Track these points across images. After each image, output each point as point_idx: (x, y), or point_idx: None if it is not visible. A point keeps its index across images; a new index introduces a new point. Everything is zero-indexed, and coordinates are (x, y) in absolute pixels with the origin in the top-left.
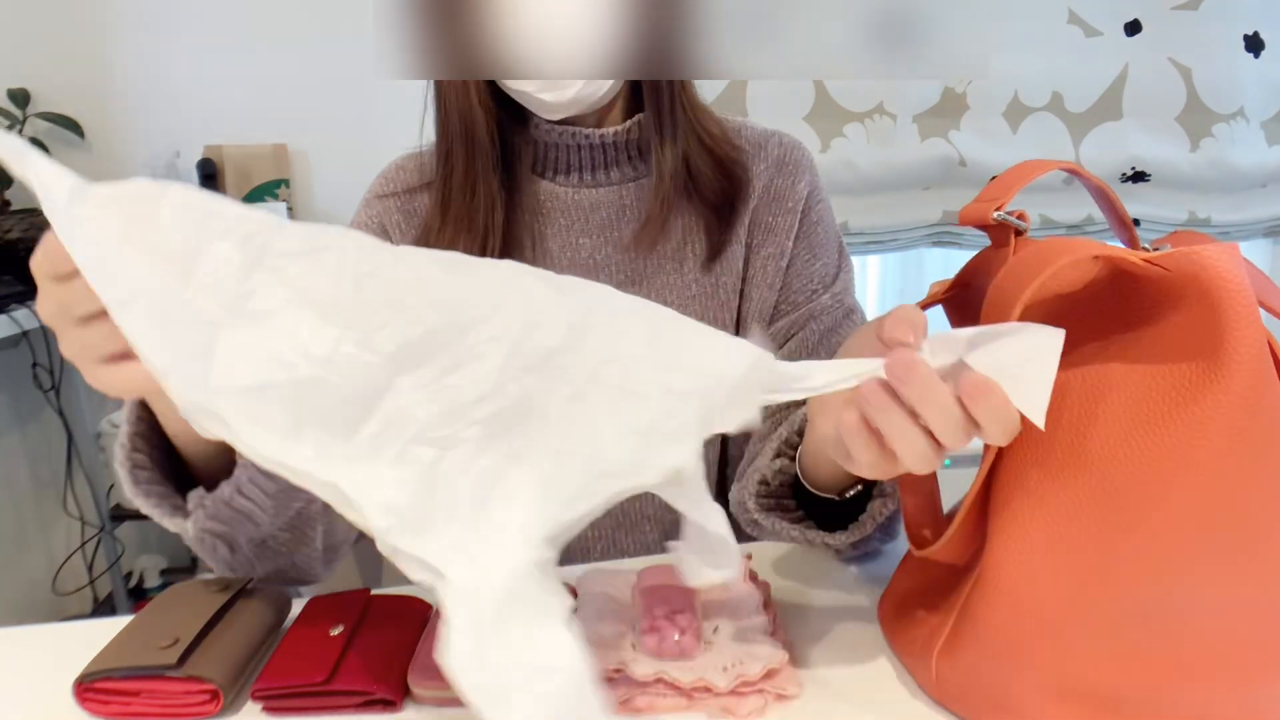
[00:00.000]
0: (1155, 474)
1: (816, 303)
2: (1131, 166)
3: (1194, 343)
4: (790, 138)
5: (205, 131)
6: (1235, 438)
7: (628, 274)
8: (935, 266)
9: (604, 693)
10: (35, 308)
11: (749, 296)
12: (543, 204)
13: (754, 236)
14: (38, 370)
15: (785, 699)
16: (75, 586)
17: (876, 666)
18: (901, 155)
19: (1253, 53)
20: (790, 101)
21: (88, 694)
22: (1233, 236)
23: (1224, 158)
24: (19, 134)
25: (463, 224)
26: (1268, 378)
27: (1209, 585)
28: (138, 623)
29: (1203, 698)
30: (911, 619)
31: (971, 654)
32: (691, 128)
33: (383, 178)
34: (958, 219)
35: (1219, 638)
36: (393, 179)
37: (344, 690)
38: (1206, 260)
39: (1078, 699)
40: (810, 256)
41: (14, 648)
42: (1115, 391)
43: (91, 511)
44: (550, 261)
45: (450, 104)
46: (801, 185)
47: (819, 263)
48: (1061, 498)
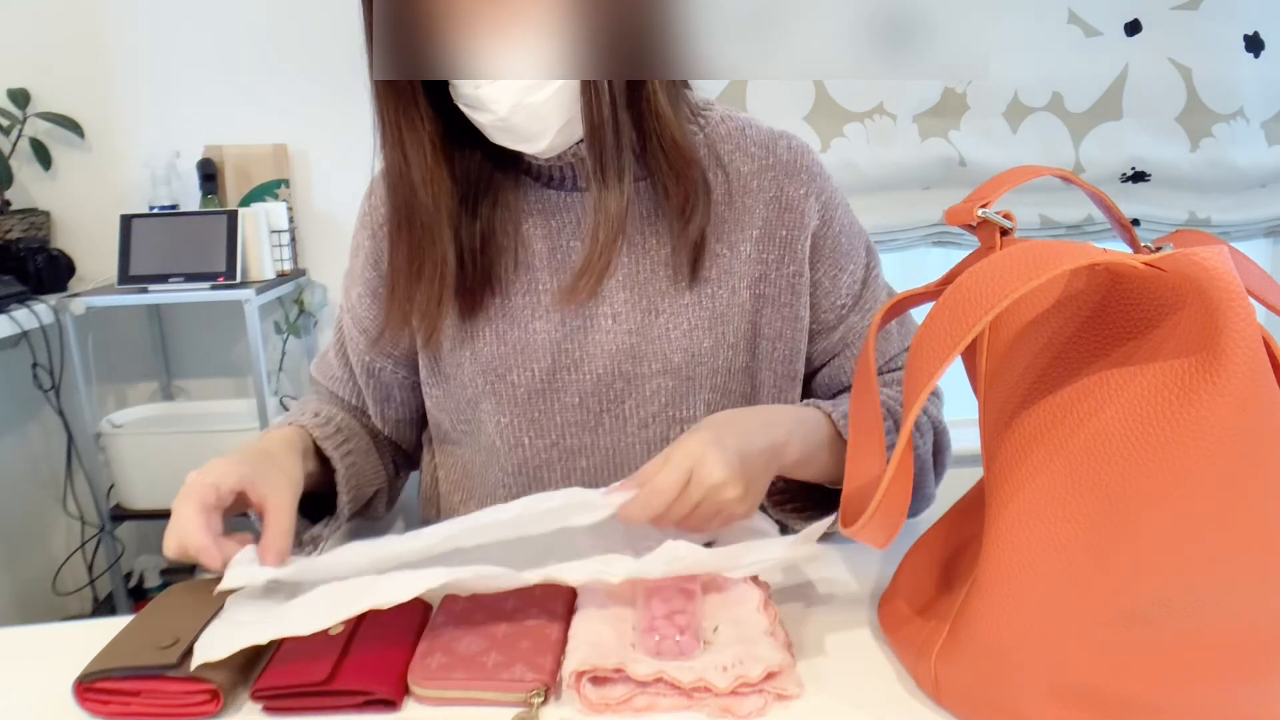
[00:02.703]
0: (1152, 475)
1: (847, 325)
2: (1131, 166)
3: (1190, 343)
4: (799, 141)
5: (205, 131)
6: (1232, 437)
7: (618, 278)
8: (935, 266)
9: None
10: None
11: (768, 316)
12: (532, 206)
13: (769, 252)
14: (38, 370)
15: (785, 699)
16: (75, 586)
17: (876, 667)
18: (901, 155)
19: (1253, 53)
20: (790, 101)
21: (88, 694)
22: (1233, 236)
23: (1224, 158)
24: (19, 134)
25: (401, 298)
26: (1264, 377)
27: (1206, 586)
28: (138, 623)
29: (1200, 698)
30: (910, 620)
31: (970, 655)
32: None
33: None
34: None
35: (1216, 638)
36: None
37: (344, 690)
38: (1203, 262)
39: (1076, 700)
40: (837, 271)
41: (14, 648)
42: (1112, 393)
43: (91, 511)
44: (539, 263)
45: (395, 185)
46: (812, 196)
47: (845, 275)
48: (1058, 499)
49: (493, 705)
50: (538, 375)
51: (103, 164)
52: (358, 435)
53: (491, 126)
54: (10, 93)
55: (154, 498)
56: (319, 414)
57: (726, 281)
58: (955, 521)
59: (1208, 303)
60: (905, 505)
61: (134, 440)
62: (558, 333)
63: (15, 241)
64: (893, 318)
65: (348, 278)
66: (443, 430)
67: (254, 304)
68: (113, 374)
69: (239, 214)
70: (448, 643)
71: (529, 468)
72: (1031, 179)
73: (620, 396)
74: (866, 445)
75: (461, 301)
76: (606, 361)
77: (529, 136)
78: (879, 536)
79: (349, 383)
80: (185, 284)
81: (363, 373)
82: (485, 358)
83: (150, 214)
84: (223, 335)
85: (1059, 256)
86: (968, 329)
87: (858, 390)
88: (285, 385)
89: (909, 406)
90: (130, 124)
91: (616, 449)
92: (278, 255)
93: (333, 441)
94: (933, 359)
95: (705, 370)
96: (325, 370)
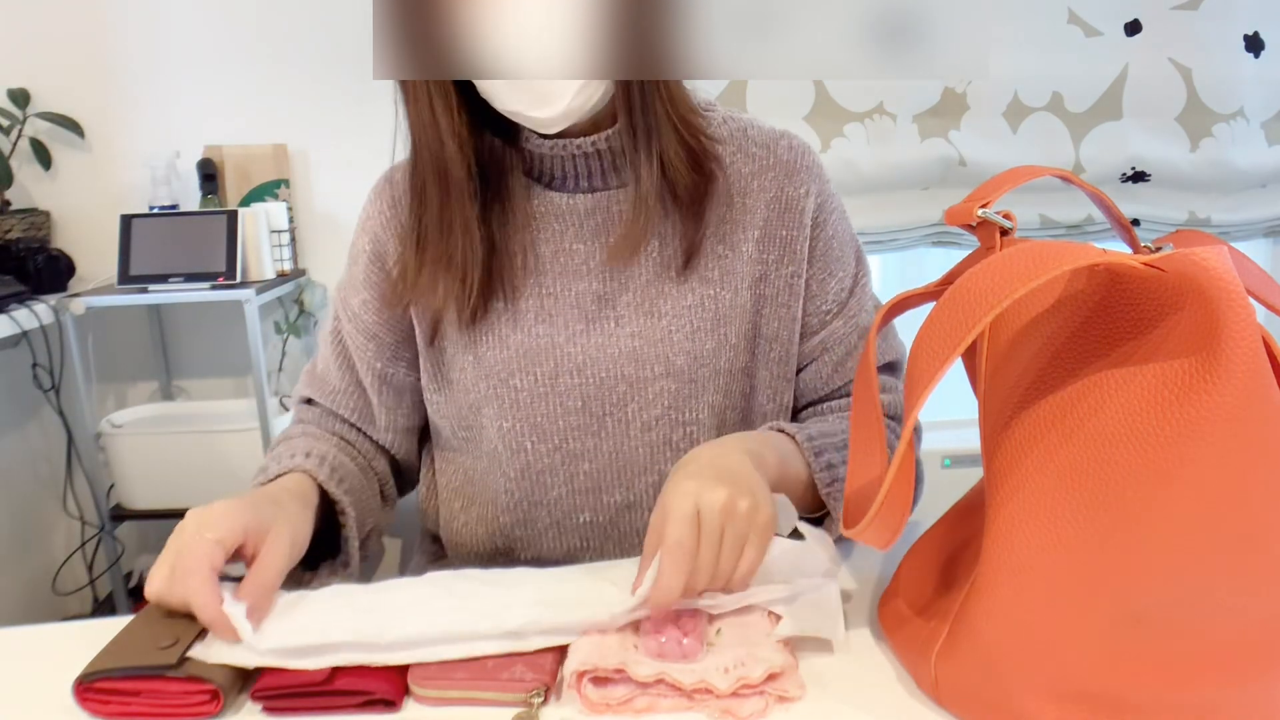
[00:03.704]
0: (1151, 475)
1: (829, 331)
2: (1131, 166)
3: (1190, 343)
4: (800, 141)
5: (205, 131)
6: (1231, 437)
7: (620, 280)
8: (935, 266)
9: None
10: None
11: (766, 316)
12: (535, 209)
13: (770, 252)
14: (38, 370)
15: (787, 701)
16: (75, 586)
17: (876, 668)
18: (901, 155)
19: (1253, 53)
20: (790, 101)
21: (88, 694)
22: (1233, 236)
23: (1224, 158)
24: (19, 134)
25: (441, 264)
26: (1264, 377)
27: (1205, 585)
28: (138, 623)
29: (1200, 697)
30: (910, 620)
31: (970, 655)
32: (670, 122)
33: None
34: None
35: (1215, 637)
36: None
37: (344, 690)
38: (1203, 262)
39: (1075, 700)
40: (825, 275)
41: (14, 648)
42: (1111, 392)
43: (91, 511)
44: (542, 267)
45: (420, 141)
46: (812, 195)
47: (834, 280)
48: (1058, 499)
49: (493, 705)
50: (540, 379)
51: (103, 164)
52: (352, 474)
53: (508, 86)
54: (10, 93)
55: (154, 498)
56: (311, 454)
57: (728, 282)
58: (955, 521)
59: (1207, 303)
60: (907, 506)
61: (134, 440)
62: (560, 336)
63: (15, 241)
64: (893, 317)
65: (345, 289)
66: (443, 438)
67: (254, 304)
68: (113, 374)
69: (239, 214)
70: None
71: (532, 472)
72: (1031, 179)
73: (623, 400)
74: (867, 445)
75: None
76: (609, 365)
77: (545, 96)
78: (881, 537)
79: (353, 394)
80: (185, 284)
81: (375, 380)
82: (488, 362)
83: (150, 214)
84: (223, 335)
85: (1059, 256)
86: (968, 329)
87: (858, 390)
88: (285, 385)
89: (909, 406)
90: (130, 124)
91: (619, 453)
92: (278, 255)
93: (341, 487)
94: (933, 359)
95: (708, 372)
96: (321, 388)
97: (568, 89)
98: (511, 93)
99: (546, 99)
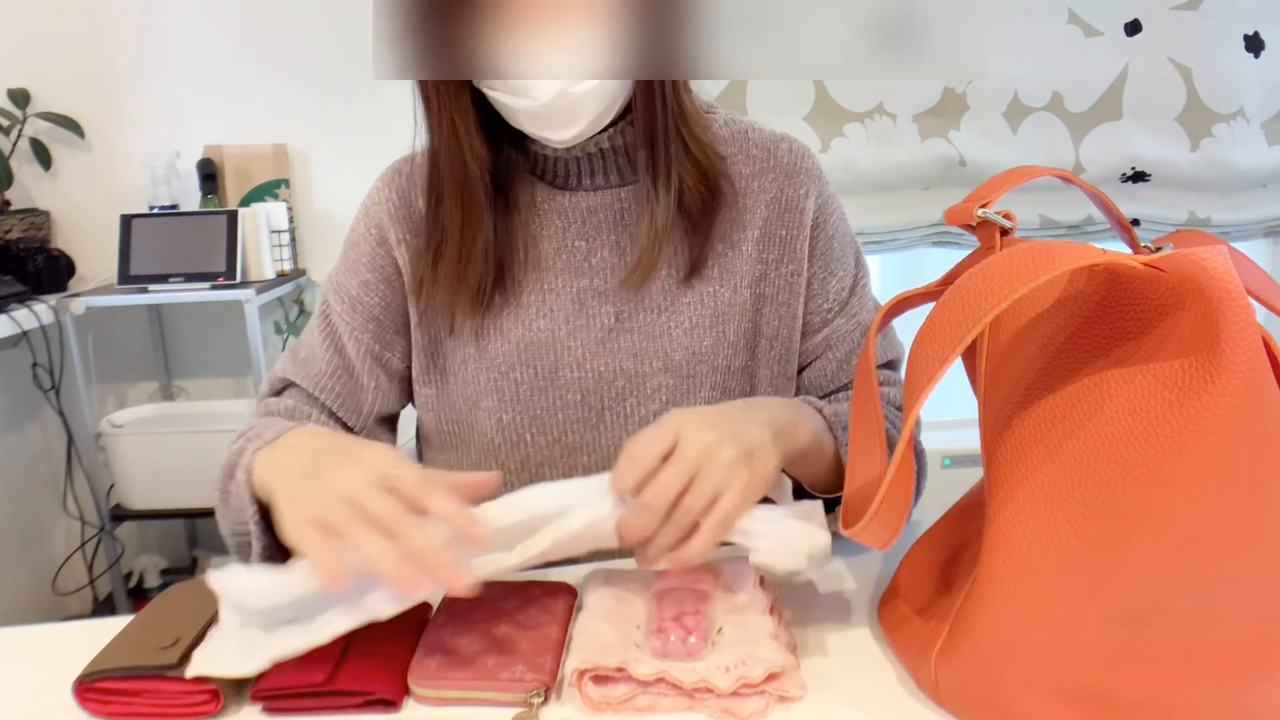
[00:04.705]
0: (1151, 474)
1: (831, 328)
2: (1131, 166)
3: (1190, 343)
4: (800, 144)
5: (205, 131)
6: (1231, 437)
7: (621, 279)
8: (935, 266)
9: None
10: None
11: (767, 315)
12: (539, 206)
13: (769, 252)
14: (38, 370)
15: (787, 700)
16: (75, 586)
17: (876, 668)
18: (901, 155)
19: (1253, 53)
20: (790, 101)
21: (88, 694)
22: (1233, 236)
23: (1224, 158)
24: (19, 134)
25: (452, 278)
26: (1264, 378)
27: (1205, 585)
28: (138, 623)
29: (1199, 698)
30: (910, 620)
31: (969, 656)
32: (689, 154)
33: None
34: (945, 219)
35: (1214, 638)
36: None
37: (344, 690)
38: (1203, 262)
39: (1075, 700)
40: (826, 274)
41: (14, 648)
42: (1111, 392)
43: (91, 511)
44: (544, 263)
45: (445, 164)
46: (811, 196)
47: (834, 279)
48: (1058, 499)
49: (493, 705)
50: (540, 373)
51: (103, 164)
52: None
53: (524, 112)
54: (10, 93)
55: (154, 498)
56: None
57: (728, 280)
58: (955, 521)
59: (1207, 303)
60: (906, 506)
61: (134, 440)
62: (561, 331)
63: (15, 241)
64: (893, 317)
65: (340, 273)
66: (426, 434)
67: (254, 304)
68: (113, 374)
69: (239, 214)
70: (448, 643)
71: (531, 464)
72: (1031, 179)
73: (622, 395)
74: (867, 445)
75: (473, 300)
76: (608, 360)
77: (562, 124)
78: (880, 537)
79: (340, 377)
80: (185, 284)
81: (371, 362)
82: (490, 355)
83: (150, 214)
84: (223, 335)
85: (1059, 256)
86: (968, 329)
87: (858, 390)
88: None
89: (909, 406)
90: (130, 124)
91: (618, 446)
92: (277, 255)
93: None
94: (933, 359)
95: (706, 368)
96: (306, 371)
97: (587, 111)
98: (529, 121)
99: (570, 123)
